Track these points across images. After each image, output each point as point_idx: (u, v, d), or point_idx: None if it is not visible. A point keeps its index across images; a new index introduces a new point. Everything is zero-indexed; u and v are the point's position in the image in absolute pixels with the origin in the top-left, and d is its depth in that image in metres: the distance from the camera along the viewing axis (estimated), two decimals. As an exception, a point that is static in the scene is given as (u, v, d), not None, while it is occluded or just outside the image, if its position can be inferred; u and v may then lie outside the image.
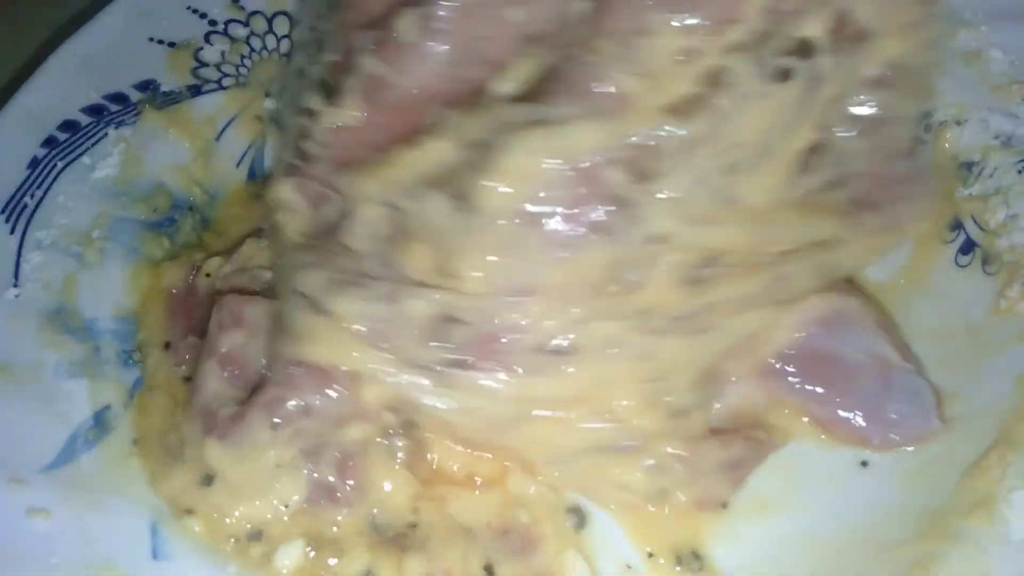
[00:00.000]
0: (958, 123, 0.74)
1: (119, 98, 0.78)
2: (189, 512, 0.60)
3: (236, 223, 0.78)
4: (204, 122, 0.80)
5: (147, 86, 0.79)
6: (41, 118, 0.75)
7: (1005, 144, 0.72)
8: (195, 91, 0.80)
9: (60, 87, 0.76)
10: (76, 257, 0.70)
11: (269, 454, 0.59)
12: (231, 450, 0.59)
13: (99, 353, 0.67)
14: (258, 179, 0.81)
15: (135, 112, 0.77)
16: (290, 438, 0.59)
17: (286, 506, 0.60)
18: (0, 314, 0.65)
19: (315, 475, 0.60)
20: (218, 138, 0.80)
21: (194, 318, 0.70)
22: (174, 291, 0.72)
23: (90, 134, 0.76)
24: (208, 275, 0.72)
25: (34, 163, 0.73)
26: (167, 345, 0.69)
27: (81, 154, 0.74)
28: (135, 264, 0.72)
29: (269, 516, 0.60)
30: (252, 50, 0.83)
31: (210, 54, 0.81)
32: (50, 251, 0.70)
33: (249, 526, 0.60)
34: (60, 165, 0.73)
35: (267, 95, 0.82)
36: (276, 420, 0.59)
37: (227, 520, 0.60)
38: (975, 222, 0.71)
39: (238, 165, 0.81)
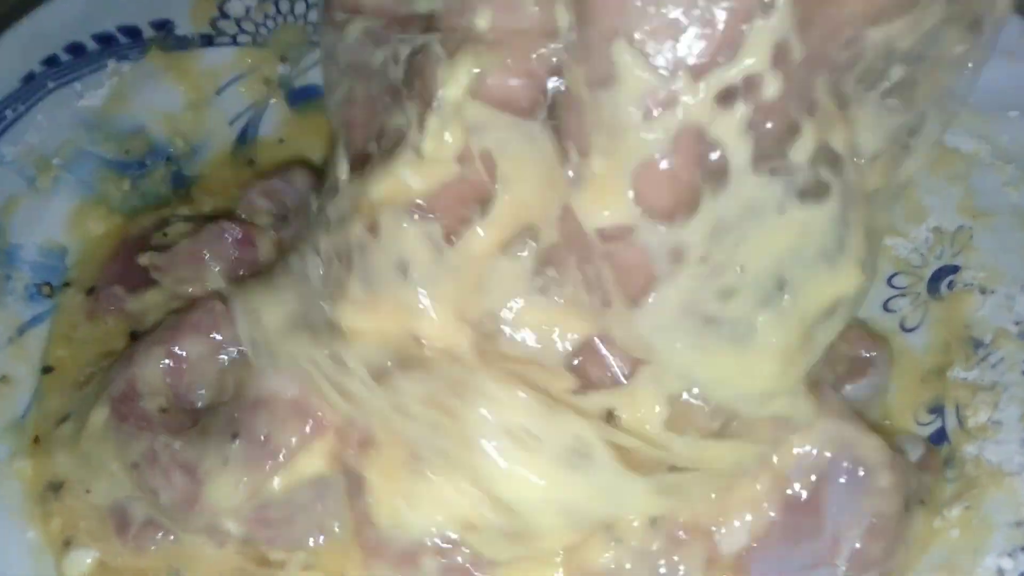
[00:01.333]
0: (983, 291, 0.63)
1: (132, 32, 0.78)
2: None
3: (213, 185, 0.78)
4: (206, 74, 0.79)
5: (163, 25, 0.79)
6: (51, 36, 0.76)
7: (1023, 335, 0.61)
8: (207, 41, 0.80)
9: (78, 9, 0.77)
10: (28, 180, 0.72)
11: None
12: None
13: (8, 282, 0.68)
14: (248, 143, 0.80)
15: (142, 49, 0.78)
16: None
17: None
18: (-69, 218, 0.68)
19: None
20: (219, 92, 0.80)
21: (130, 271, 0.69)
22: (124, 239, 0.72)
23: (92, 62, 0.77)
24: (166, 235, 0.71)
25: (28, 78, 0.74)
26: (91, 291, 0.70)
27: (75, 79, 0.76)
28: (83, 200, 0.73)
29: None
30: (278, 12, 0.81)
31: (235, 7, 0.80)
32: (7, 168, 0.72)
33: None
34: (51, 85, 0.75)
35: (282, 60, 0.81)
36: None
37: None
38: (957, 414, 0.61)
39: (231, 123, 0.80)
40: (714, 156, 0.43)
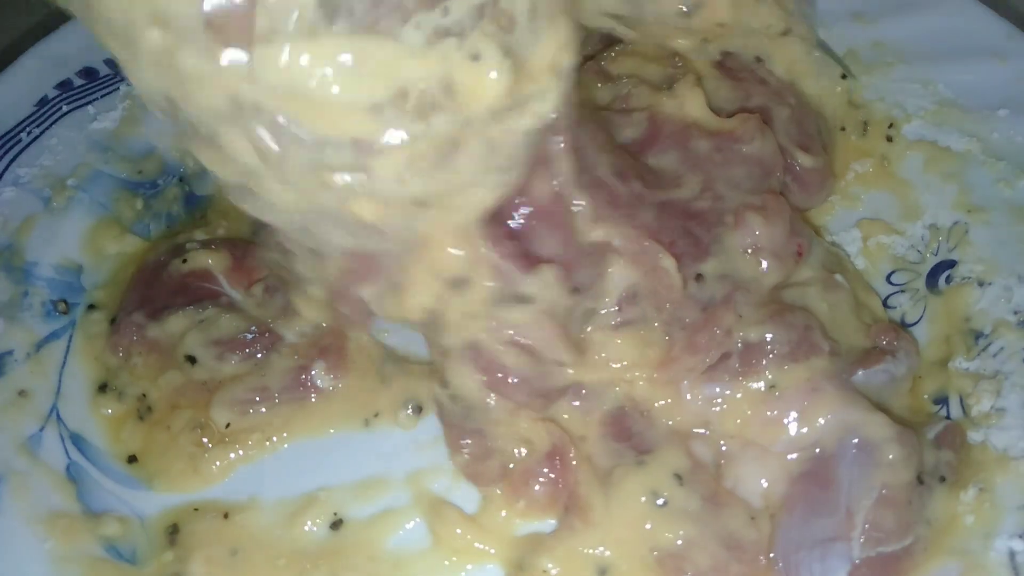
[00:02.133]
0: (981, 284, 0.65)
1: (142, 56, 0.81)
2: None
3: (227, 205, 0.76)
4: None
5: (173, 50, 0.81)
6: (64, 60, 0.79)
7: (1022, 324, 0.62)
8: (215, 63, 0.82)
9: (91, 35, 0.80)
10: (44, 200, 0.74)
11: None
12: None
13: (26, 298, 0.70)
14: None
15: (153, 72, 0.80)
16: None
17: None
18: (-49, 237, 0.70)
19: None
20: None
21: (149, 297, 0.71)
22: (142, 267, 0.74)
23: (104, 85, 0.80)
24: (185, 261, 0.72)
25: (43, 102, 0.77)
26: (113, 320, 0.71)
27: (88, 103, 0.79)
28: (98, 219, 0.75)
29: None
30: (285, 34, 0.84)
31: (243, 30, 0.83)
32: (24, 189, 0.74)
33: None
34: (65, 108, 0.78)
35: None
36: None
37: None
38: (961, 404, 0.62)
39: None
40: None
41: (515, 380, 0.59)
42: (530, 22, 0.48)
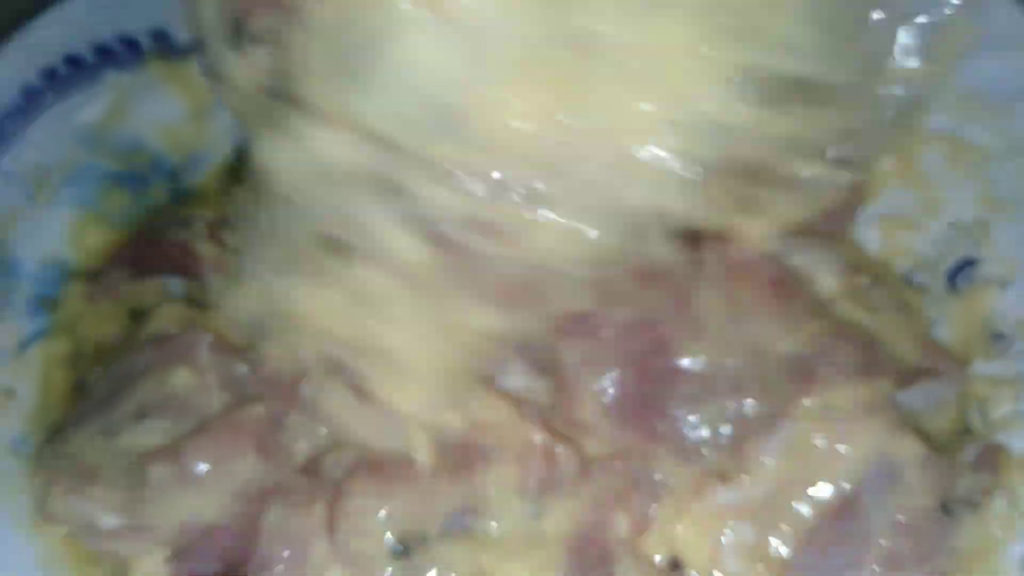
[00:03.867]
0: (1002, 284, 0.67)
1: (130, 43, 0.82)
2: None
3: (210, 200, 0.81)
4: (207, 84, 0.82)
5: (161, 35, 0.82)
6: (48, 48, 0.80)
7: (1045, 324, 0.64)
8: (207, 50, 0.83)
9: (75, 21, 0.81)
10: (27, 194, 0.75)
11: None
12: None
13: (9, 295, 0.72)
14: (248, 156, 0.82)
15: (141, 60, 0.81)
16: None
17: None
18: (-69, 231, 0.71)
19: None
20: (219, 103, 0.82)
21: (139, 258, 0.74)
22: (141, 229, 0.77)
23: (90, 74, 0.80)
24: (192, 231, 0.74)
25: (27, 91, 0.78)
26: (94, 275, 0.74)
27: (74, 92, 0.79)
28: (83, 214, 0.77)
29: None
30: (279, 21, 0.85)
31: (235, 16, 0.84)
32: (6, 182, 0.75)
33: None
34: (50, 98, 0.79)
35: (283, 70, 0.84)
36: None
37: None
38: (978, 409, 0.64)
39: (232, 136, 0.83)
40: None
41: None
42: None
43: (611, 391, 0.61)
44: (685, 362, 0.61)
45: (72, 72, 0.80)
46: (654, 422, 0.61)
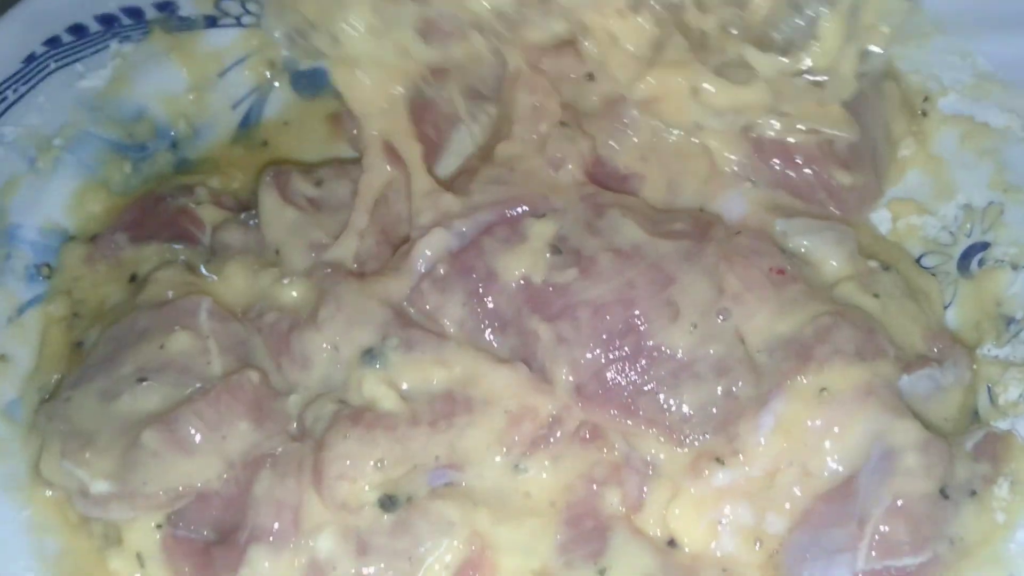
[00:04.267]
0: (1014, 267, 0.66)
1: (134, 12, 0.82)
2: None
3: (222, 169, 0.82)
4: (211, 56, 0.83)
5: (165, 6, 0.83)
6: (53, 16, 0.80)
7: (1056, 309, 0.63)
8: (211, 22, 0.84)
9: (80, -11, 0.82)
10: (29, 161, 0.76)
11: None
12: None
13: (8, 260, 0.73)
14: (252, 126, 0.84)
15: (144, 30, 0.82)
16: None
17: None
18: (-69, 194, 0.72)
19: None
20: (222, 75, 0.84)
21: (142, 222, 0.74)
22: (147, 194, 0.77)
23: (94, 42, 0.81)
24: (199, 203, 0.76)
25: (30, 59, 0.79)
26: (94, 238, 0.74)
27: (77, 60, 0.80)
28: (84, 182, 0.77)
29: None
30: (286, -8, 0.85)
31: (241, -13, 0.85)
32: (8, 148, 0.76)
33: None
34: (52, 66, 0.79)
35: (289, 42, 0.85)
36: None
37: None
38: (988, 391, 0.63)
39: (235, 107, 0.84)
40: None
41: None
42: None
43: (584, 369, 0.62)
44: (663, 342, 0.61)
45: (76, 40, 0.80)
46: (629, 401, 0.61)
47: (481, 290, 0.65)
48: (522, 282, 0.64)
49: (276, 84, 0.85)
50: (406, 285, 0.66)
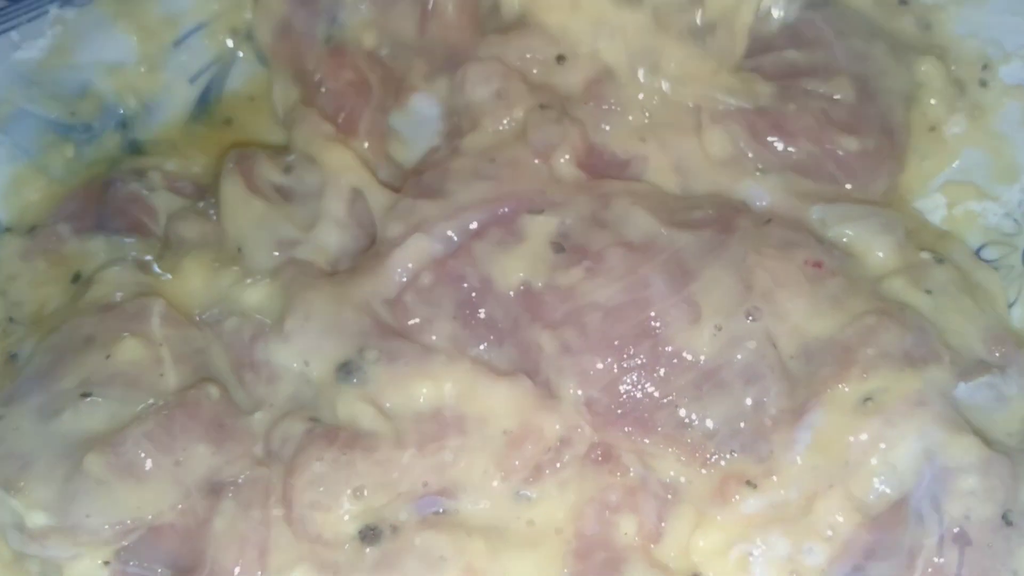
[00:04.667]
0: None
1: (78, -28, 0.77)
2: None
3: (181, 150, 0.77)
4: (164, 21, 0.78)
5: (113, -35, 0.77)
6: (-17, -25, 0.75)
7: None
8: (164, -17, 0.78)
9: (14, -55, 0.76)
10: (-46, 143, 0.71)
11: None
12: None
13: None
14: (212, 102, 0.79)
15: (91, -8, 0.76)
16: None
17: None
18: None
19: None
20: (177, 44, 0.78)
21: (86, 212, 0.71)
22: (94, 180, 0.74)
23: (30, 7, 0.75)
24: (152, 190, 0.72)
25: (-43, 24, 0.73)
26: (32, 229, 0.71)
27: (11, 28, 0.74)
28: (20, 168, 0.73)
29: None
30: (248, -51, 0.80)
31: (197, -56, 0.79)
32: (-67, 127, 0.71)
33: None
34: (-17, 33, 0.74)
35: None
36: None
37: None
38: None
39: (193, 81, 0.79)
40: None
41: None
42: None
43: (594, 382, 0.60)
44: (683, 348, 0.59)
45: (8, 5, 0.74)
46: (646, 416, 0.59)
47: (474, 299, 0.61)
48: (522, 288, 0.61)
49: (240, 54, 0.80)
50: (385, 287, 0.63)
